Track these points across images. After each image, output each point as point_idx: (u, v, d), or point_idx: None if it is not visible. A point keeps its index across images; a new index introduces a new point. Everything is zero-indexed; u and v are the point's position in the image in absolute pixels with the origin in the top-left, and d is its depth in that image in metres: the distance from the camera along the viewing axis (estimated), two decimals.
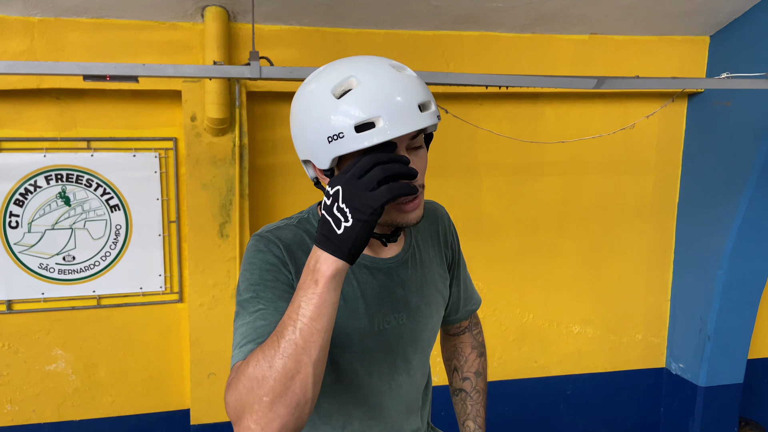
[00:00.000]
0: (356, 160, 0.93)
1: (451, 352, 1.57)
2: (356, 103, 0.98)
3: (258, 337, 0.99)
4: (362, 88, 0.99)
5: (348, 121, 0.97)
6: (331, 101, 0.99)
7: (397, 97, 0.99)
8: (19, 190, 2.75)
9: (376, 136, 0.96)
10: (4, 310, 2.80)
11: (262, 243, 1.12)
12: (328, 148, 0.99)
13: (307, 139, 1.04)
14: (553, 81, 2.53)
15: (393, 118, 0.97)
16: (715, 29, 3.22)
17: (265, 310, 1.04)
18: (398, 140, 1.02)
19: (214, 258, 2.81)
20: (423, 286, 1.26)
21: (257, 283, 1.07)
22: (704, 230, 3.34)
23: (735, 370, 3.41)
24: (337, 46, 2.89)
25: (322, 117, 1.00)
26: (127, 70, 2.06)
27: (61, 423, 2.93)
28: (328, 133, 0.98)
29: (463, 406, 1.51)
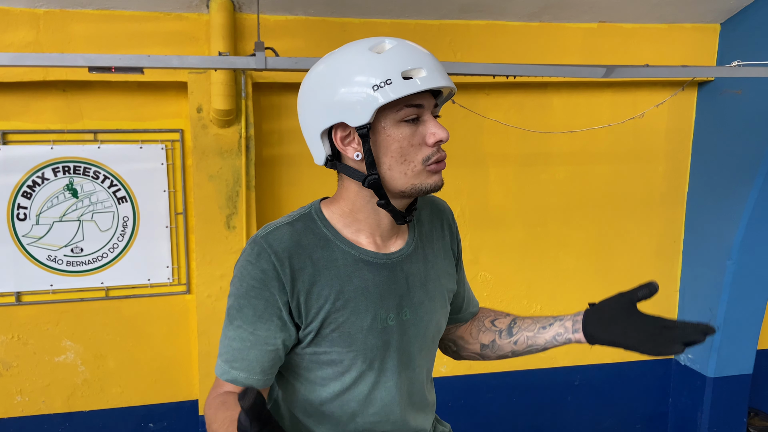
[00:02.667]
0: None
1: (471, 327, 1.43)
2: (400, 54, 1.06)
3: (233, 359, 1.13)
4: (400, 46, 1.08)
5: (396, 69, 1.04)
6: (373, 56, 1.06)
7: (431, 56, 1.10)
8: (27, 183, 2.76)
9: (424, 83, 1.05)
10: (14, 302, 2.82)
11: (254, 254, 1.11)
12: (371, 97, 1.04)
13: (344, 96, 1.07)
14: (561, 70, 2.51)
15: (433, 71, 1.07)
16: (725, 17, 3.18)
17: (243, 329, 1.12)
18: (426, 104, 1.10)
19: (221, 249, 2.82)
20: (427, 281, 1.25)
21: (242, 296, 1.12)
22: (714, 220, 3.31)
23: (744, 360, 3.39)
24: (342, 36, 2.87)
25: (364, 70, 1.06)
26: (133, 62, 2.05)
27: (71, 413, 2.95)
28: (373, 82, 1.04)
29: (529, 320, 1.35)
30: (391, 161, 1.10)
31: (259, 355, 1.11)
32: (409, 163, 1.10)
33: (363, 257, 1.17)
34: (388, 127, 1.08)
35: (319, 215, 1.19)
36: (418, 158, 1.10)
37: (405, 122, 1.09)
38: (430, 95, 1.11)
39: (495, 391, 3.46)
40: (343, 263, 1.15)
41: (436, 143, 1.10)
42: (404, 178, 1.11)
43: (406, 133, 1.09)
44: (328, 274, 1.14)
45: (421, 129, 1.10)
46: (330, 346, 1.15)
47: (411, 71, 1.05)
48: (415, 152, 1.10)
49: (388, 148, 1.09)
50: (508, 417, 3.52)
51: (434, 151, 1.11)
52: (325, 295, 1.13)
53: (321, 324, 1.13)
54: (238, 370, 1.12)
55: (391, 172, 1.11)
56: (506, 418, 3.52)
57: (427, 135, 1.10)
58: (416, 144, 1.10)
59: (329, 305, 1.13)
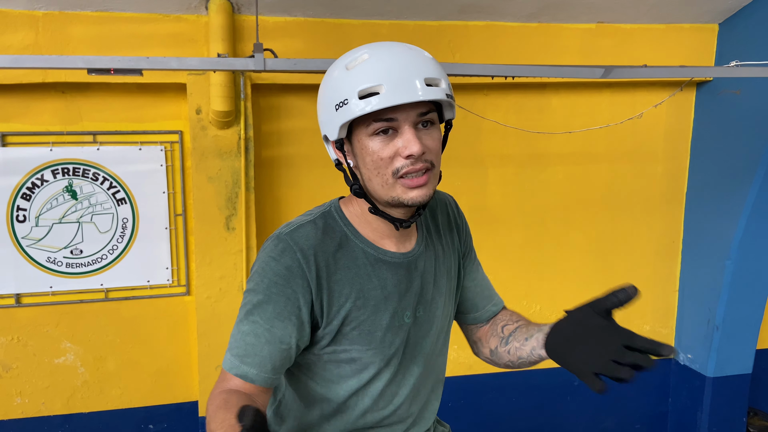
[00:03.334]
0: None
1: (488, 330, 1.39)
2: (362, 72, 1.04)
3: (245, 354, 1.10)
4: (371, 60, 1.05)
5: (353, 89, 1.03)
6: (341, 72, 1.08)
7: (402, 68, 1.04)
8: (26, 184, 2.76)
9: (377, 102, 1.02)
10: (13, 304, 2.82)
11: (278, 250, 1.11)
12: (335, 116, 1.07)
13: (322, 110, 1.12)
14: (559, 71, 2.51)
15: (395, 88, 1.02)
16: (723, 17, 3.18)
17: (259, 325, 1.10)
18: (403, 116, 1.05)
19: (220, 251, 2.82)
20: (437, 278, 1.26)
21: (263, 291, 1.11)
22: (713, 220, 3.31)
23: (743, 360, 3.39)
24: (341, 37, 2.87)
25: (332, 87, 1.08)
26: (131, 63, 2.05)
27: (71, 415, 2.95)
28: (335, 101, 1.06)
29: (527, 328, 1.27)
30: (368, 173, 1.10)
31: (272, 353, 1.10)
32: (382, 176, 1.09)
33: (382, 257, 1.18)
34: (362, 139, 1.09)
35: (339, 214, 1.20)
36: (389, 171, 1.08)
37: (378, 135, 1.07)
38: (414, 105, 1.06)
39: (495, 391, 3.46)
40: (363, 262, 1.16)
41: (407, 157, 1.06)
42: (382, 190, 1.10)
43: (377, 146, 1.07)
44: (349, 273, 1.15)
45: (396, 141, 1.07)
46: (350, 344, 1.16)
47: (369, 89, 1.02)
48: (386, 165, 1.08)
49: (364, 160, 1.10)
50: (507, 417, 3.52)
51: (406, 163, 1.06)
52: (346, 293, 1.14)
53: (342, 322, 1.14)
54: (250, 366, 1.10)
55: (371, 183, 1.11)
56: (506, 419, 3.52)
57: (400, 148, 1.07)
58: (387, 157, 1.07)
59: (350, 303, 1.14)
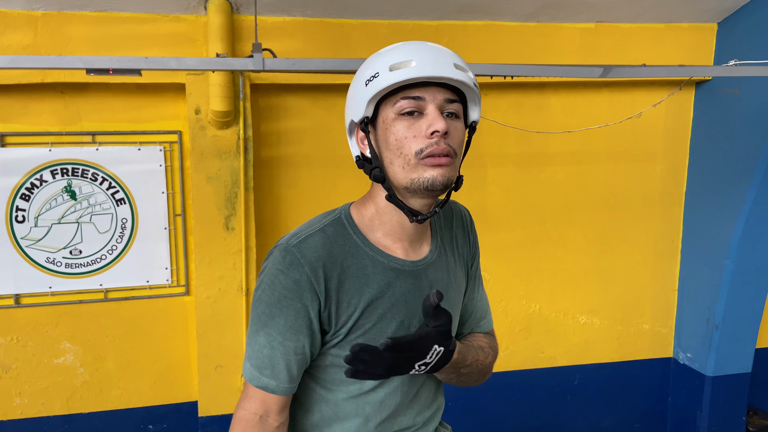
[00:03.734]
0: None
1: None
2: (395, 51, 1.10)
3: (263, 366, 1.14)
4: (404, 45, 1.11)
5: (385, 63, 1.08)
6: (374, 57, 1.13)
7: (434, 50, 1.10)
8: (25, 185, 2.76)
9: (407, 72, 1.05)
10: (12, 304, 2.82)
11: (286, 263, 1.11)
12: (365, 91, 1.10)
13: (350, 94, 1.16)
14: (558, 70, 2.51)
15: (425, 63, 1.06)
16: (722, 16, 3.18)
17: (273, 338, 1.13)
18: (430, 97, 1.09)
19: (220, 251, 2.82)
20: (448, 289, 1.27)
21: (274, 305, 1.12)
22: (712, 219, 3.32)
23: (743, 359, 3.40)
24: (340, 37, 2.87)
25: (364, 68, 1.13)
26: (130, 64, 2.05)
27: (70, 416, 2.95)
28: (365, 78, 1.10)
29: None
30: (391, 155, 1.11)
31: (288, 364, 1.14)
32: (405, 156, 1.09)
33: (391, 264, 1.18)
34: (387, 120, 1.11)
35: (349, 221, 1.20)
36: (412, 150, 1.09)
37: (403, 115, 1.09)
38: (440, 89, 1.10)
39: (494, 390, 3.46)
40: (372, 271, 1.16)
41: (433, 134, 1.08)
42: (403, 173, 1.11)
43: (403, 125, 1.09)
44: (358, 282, 1.15)
45: (421, 122, 1.09)
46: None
47: (400, 64, 1.06)
48: (410, 144, 1.09)
49: (387, 142, 1.11)
50: (507, 417, 3.52)
51: (430, 143, 1.08)
52: (354, 303, 1.14)
53: (349, 330, 1.15)
54: (269, 378, 1.14)
55: (392, 166, 1.11)
56: (505, 418, 3.52)
57: (424, 126, 1.08)
58: (411, 136, 1.09)
59: (358, 313, 1.14)
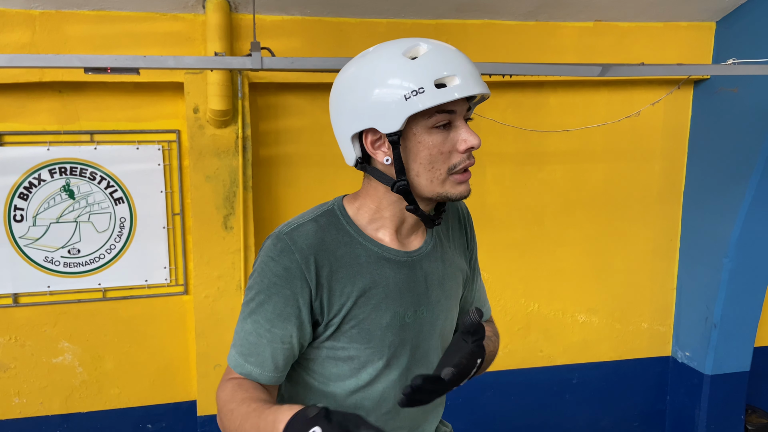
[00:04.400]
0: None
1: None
2: (434, 62, 1.04)
3: (248, 353, 1.13)
4: (435, 51, 1.06)
5: (428, 77, 1.02)
6: (405, 62, 1.04)
7: (466, 61, 1.08)
8: (24, 184, 2.75)
9: (453, 93, 1.02)
10: (11, 304, 2.81)
11: (277, 250, 1.11)
12: (404, 105, 1.02)
13: (374, 103, 1.05)
14: (557, 69, 2.51)
15: (467, 78, 1.05)
16: (721, 15, 3.19)
17: (260, 325, 1.12)
18: (459, 110, 1.08)
19: (218, 250, 2.82)
20: (444, 280, 1.26)
21: (263, 291, 1.12)
22: (710, 218, 3.32)
23: (741, 358, 3.40)
24: (339, 35, 2.87)
25: (397, 75, 1.04)
26: (128, 62, 2.05)
27: (69, 415, 2.95)
28: (405, 91, 1.02)
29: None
30: (419, 168, 1.10)
31: (273, 352, 1.12)
32: (436, 170, 1.09)
33: (385, 255, 1.17)
34: (419, 133, 1.08)
35: (342, 212, 1.19)
36: (444, 166, 1.09)
37: (436, 128, 1.07)
38: (464, 100, 1.09)
39: (493, 389, 3.46)
40: (366, 260, 1.16)
41: (466, 150, 1.09)
42: (430, 186, 1.11)
43: (437, 140, 1.08)
44: (351, 271, 1.14)
45: (453, 135, 1.09)
46: (348, 342, 1.16)
47: (444, 79, 1.03)
48: (444, 160, 1.09)
49: (418, 155, 1.09)
50: (506, 415, 3.52)
51: (463, 158, 1.10)
52: (347, 292, 1.13)
53: (342, 320, 1.14)
54: (253, 365, 1.13)
55: (419, 178, 1.11)
56: (504, 417, 3.52)
57: (459, 141, 1.08)
58: (446, 151, 1.09)
59: (351, 302, 1.14)
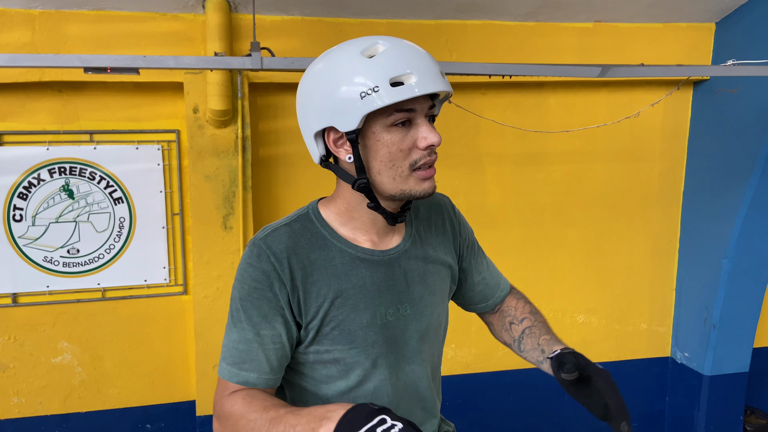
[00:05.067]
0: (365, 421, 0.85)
1: (498, 321, 1.47)
2: (390, 60, 1.04)
3: (241, 361, 1.12)
4: (392, 49, 1.05)
5: (383, 75, 1.02)
6: (362, 60, 1.05)
7: (424, 59, 1.07)
8: (23, 184, 2.75)
9: (409, 91, 1.02)
10: (10, 303, 2.81)
11: (254, 256, 1.13)
12: (360, 104, 1.03)
13: (332, 100, 1.06)
14: (557, 69, 2.51)
15: (424, 76, 1.04)
16: (720, 16, 3.19)
17: (248, 331, 1.12)
18: (420, 108, 1.07)
19: (218, 250, 2.81)
20: (426, 276, 1.25)
21: (245, 298, 1.13)
22: (709, 219, 3.32)
23: (740, 358, 3.40)
24: (338, 36, 2.87)
25: (353, 75, 1.04)
26: (128, 62, 2.04)
27: (68, 415, 2.95)
28: (361, 89, 1.03)
29: (533, 337, 1.36)
30: (380, 166, 1.10)
31: (267, 355, 1.12)
32: (397, 168, 1.09)
33: (360, 255, 1.18)
34: (378, 132, 1.08)
35: (317, 215, 1.20)
36: (405, 163, 1.09)
37: (396, 126, 1.07)
38: (425, 97, 1.09)
39: (492, 389, 3.46)
40: (341, 262, 1.16)
41: (427, 147, 1.08)
42: (393, 183, 1.11)
43: (396, 138, 1.08)
44: (326, 273, 1.15)
45: (413, 132, 1.08)
46: (331, 345, 1.16)
47: (401, 77, 1.03)
48: (404, 157, 1.09)
49: (378, 153, 1.09)
50: (505, 416, 3.52)
51: (423, 155, 1.09)
52: (323, 293, 1.14)
53: (321, 322, 1.14)
54: (248, 371, 1.12)
55: (381, 176, 1.11)
56: (503, 417, 3.52)
57: (419, 139, 1.08)
58: (405, 148, 1.08)
59: (328, 303, 1.14)
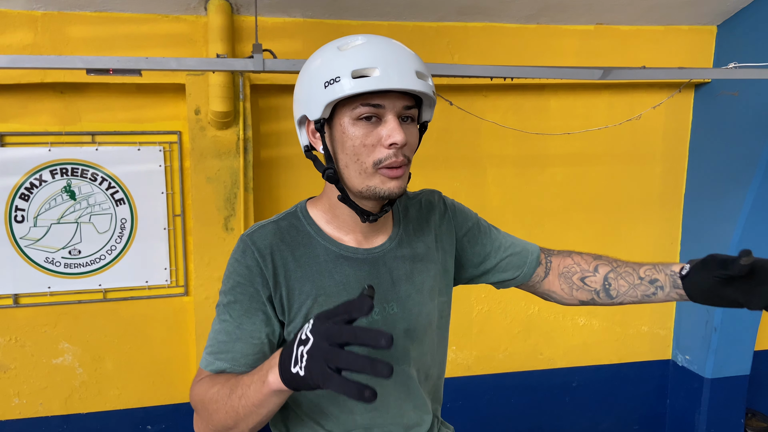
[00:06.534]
0: (341, 325, 0.84)
1: (562, 284, 1.42)
2: (357, 53, 1.05)
3: (218, 351, 1.13)
4: (366, 45, 1.07)
5: (346, 68, 1.03)
6: (334, 53, 1.07)
7: (397, 56, 1.06)
8: (25, 185, 2.76)
9: (370, 84, 1.02)
10: (11, 304, 2.82)
11: (240, 251, 1.15)
12: (323, 93, 1.05)
13: (304, 89, 1.10)
14: (558, 72, 2.51)
15: (389, 72, 1.03)
16: (722, 19, 3.19)
17: (229, 323, 1.13)
18: (390, 105, 1.07)
19: (219, 251, 2.82)
20: (413, 275, 1.24)
21: (229, 292, 1.15)
22: (711, 222, 3.32)
23: (741, 361, 3.40)
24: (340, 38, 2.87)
25: (322, 65, 1.07)
26: (130, 64, 2.05)
27: (69, 416, 2.95)
28: (325, 78, 1.05)
29: (628, 276, 1.32)
30: (346, 159, 1.10)
31: (244, 348, 1.13)
32: (361, 163, 1.09)
33: (343, 253, 1.18)
34: (344, 124, 1.08)
35: (304, 213, 1.22)
36: (369, 160, 1.08)
37: (361, 120, 1.07)
38: (400, 96, 1.07)
39: (493, 391, 3.46)
40: (324, 259, 1.17)
41: (390, 146, 1.07)
42: (359, 178, 1.10)
43: (360, 132, 1.07)
44: (310, 270, 1.15)
45: (379, 130, 1.07)
46: None
47: (364, 70, 1.03)
48: (368, 153, 1.08)
49: (344, 145, 1.09)
50: (505, 418, 3.52)
51: (388, 154, 1.07)
52: (306, 291, 1.14)
53: (304, 320, 1.14)
54: (223, 361, 1.12)
55: (347, 170, 1.11)
56: (504, 419, 3.52)
57: (383, 137, 1.07)
58: (370, 144, 1.07)
59: (311, 301, 1.14)
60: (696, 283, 1.21)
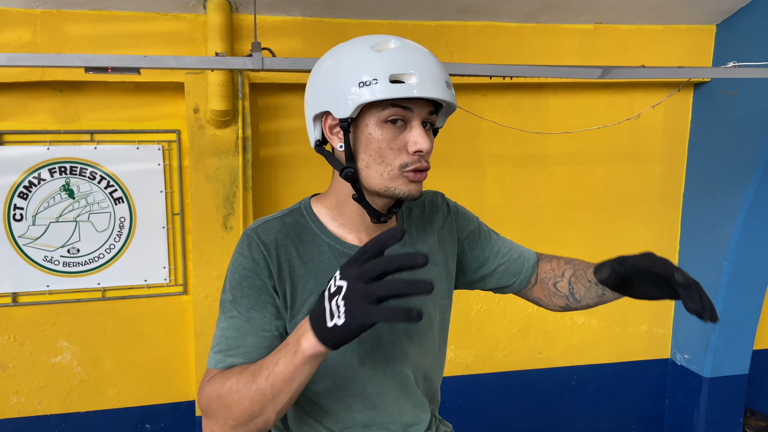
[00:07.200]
0: (371, 258, 0.88)
1: (543, 291, 1.44)
2: (396, 57, 1.05)
3: (228, 348, 1.10)
4: (401, 48, 1.07)
5: (385, 70, 1.03)
6: (369, 53, 1.06)
7: (431, 64, 1.07)
8: (23, 183, 2.75)
9: (407, 90, 1.03)
10: (10, 303, 2.81)
11: (245, 245, 1.14)
12: (357, 93, 1.04)
13: (333, 85, 1.08)
14: (557, 71, 2.51)
15: (425, 80, 1.04)
16: (721, 18, 3.19)
17: (238, 318, 1.11)
18: (417, 110, 1.08)
19: (218, 250, 2.82)
20: (416, 276, 1.23)
21: (236, 287, 1.13)
22: (710, 221, 3.32)
23: (740, 360, 3.40)
24: (339, 36, 2.87)
25: (357, 64, 1.06)
26: (129, 62, 2.04)
27: (67, 414, 2.95)
28: (360, 78, 1.04)
29: (581, 279, 1.34)
30: (368, 159, 1.09)
31: (255, 342, 1.11)
32: (386, 165, 1.09)
33: (347, 251, 1.18)
34: (371, 125, 1.08)
35: (308, 210, 1.21)
36: (395, 162, 1.09)
37: (388, 123, 1.07)
38: (426, 103, 1.09)
39: (492, 391, 3.46)
40: (328, 257, 1.17)
41: (416, 152, 1.08)
42: (380, 179, 1.10)
43: (387, 135, 1.08)
44: (313, 267, 1.15)
45: (405, 134, 1.08)
46: None
47: (402, 75, 1.03)
48: (394, 156, 1.08)
49: (368, 146, 1.09)
50: (504, 417, 3.52)
51: (414, 159, 1.09)
52: (309, 288, 1.14)
53: (306, 315, 1.13)
54: (235, 357, 1.09)
55: (368, 170, 1.10)
56: (503, 419, 3.52)
57: (409, 142, 1.08)
58: (395, 148, 1.08)
59: (313, 298, 1.14)
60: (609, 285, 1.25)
